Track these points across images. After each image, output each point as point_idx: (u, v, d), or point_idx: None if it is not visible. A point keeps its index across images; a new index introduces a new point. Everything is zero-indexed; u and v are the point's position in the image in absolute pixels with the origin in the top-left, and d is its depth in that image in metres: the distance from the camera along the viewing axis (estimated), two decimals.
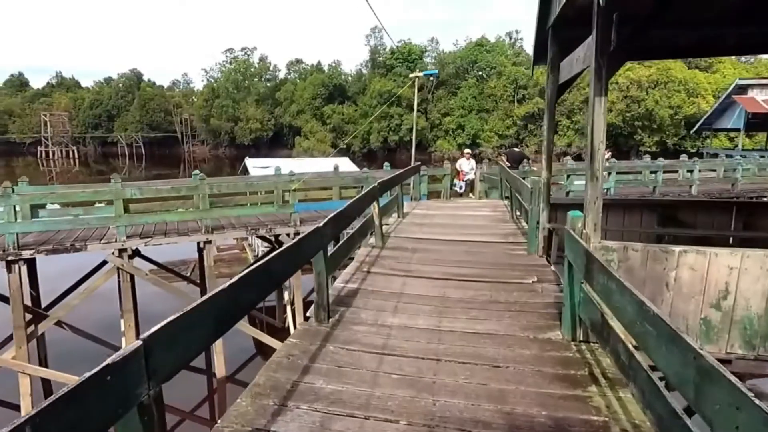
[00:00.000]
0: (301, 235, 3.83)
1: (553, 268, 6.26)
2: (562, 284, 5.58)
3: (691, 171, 18.67)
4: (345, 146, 66.17)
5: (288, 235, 11.85)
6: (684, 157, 24.34)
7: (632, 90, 53.24)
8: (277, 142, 70.90)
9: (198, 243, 11.05)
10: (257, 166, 19.62)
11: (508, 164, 15.14)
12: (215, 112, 70.54)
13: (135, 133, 72.99)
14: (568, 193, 15.93)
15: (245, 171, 20.16)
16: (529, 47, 74.96)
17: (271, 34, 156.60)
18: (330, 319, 4.50)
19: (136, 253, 11.14)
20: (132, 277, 10.42)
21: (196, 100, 74.41)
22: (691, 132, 48.28)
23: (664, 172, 18.46)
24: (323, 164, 21.61)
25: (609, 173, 16.77)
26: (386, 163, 15.30)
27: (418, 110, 63.28)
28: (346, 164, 21.05)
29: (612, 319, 3.30)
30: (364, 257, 6.67)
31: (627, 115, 53.44)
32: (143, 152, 72.32)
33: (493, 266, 6.35)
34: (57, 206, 10.92)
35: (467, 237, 7.99)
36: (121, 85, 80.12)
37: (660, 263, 4.05)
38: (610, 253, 4.22)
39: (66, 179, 53.51)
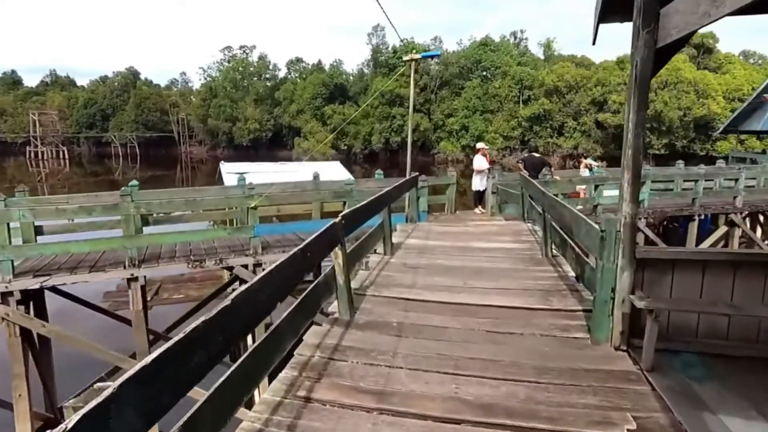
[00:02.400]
0: None
1: (652, 382, 3.36)
2: None
3: (735, 179, 15.69)
4: (346, 147, 63.46)
5: (245, 267, 8.98)
6: (719, 163, 21.38)
7: None
8: (277, 143, 68.08)
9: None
10: (232, 172, 16.70)
11: (526, 172, 12.21)
12: (213, 111, 67.66)
13: (130, 133, 70.11)
14: (596, 207, 13.03)
15: (221, 178, 17.27)
16: (534, 46, 72.05)
17: (271, 32, 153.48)
18: None
19: (51, 289, 8.32)
20: (24, 330, 7.53)
21: (193, 99, 71.56)
22: (715, 135, 45.35)
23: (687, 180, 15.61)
24: (313, 169, 18.75)
25: (643, 182, 13.84)
26: (378, 171, 12.40)
27: (420, 111, 60.75)
28: (337, 170, 18.08)
29: None
30: (312, 351, 3.77)
31: None
32: (138, 152, 69.43)
33: (538, 376, 3.44)
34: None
35: (486, 296, 5.08)
36: (116, 83, 77.19)
37: None
38: None
39: (56, 181, 50.84)
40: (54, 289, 8.71)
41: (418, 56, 9.14)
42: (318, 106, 63.92)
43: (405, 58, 9.23)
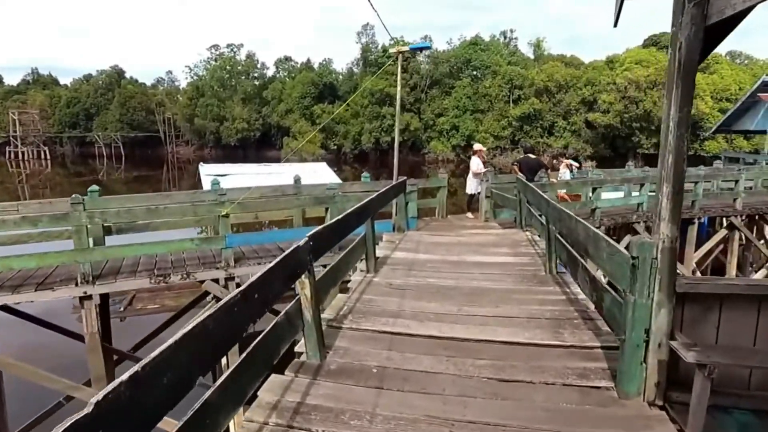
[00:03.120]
0: None
1: None
2: None
3: (735, 181, 15.03)
4: (335, 147, 62.50)
5: (216, 281, 8.11)
6: (716, 163, 20.84)
7: (630, 90, 49.86)
8: (265, 143, 66.91)
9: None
10: (212, 174, 15.76)
11: (521, 175, 11.45)
12: (200, 111, 66.25)
13: (114, 133, 68.42)
14: (594, 211, 12.29)
15: (200, 181, 16.33)
16: (524, 46, 71.45)
17: (259, 31, 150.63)
18: None
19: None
20: None
21: (180, 98, 70.04)
22: (707, 134, 45.00)
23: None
24: (298, 171, 17.85)
25: (642, 185, 13.13)
26: (364, 174, 11.56)
27: (410, 110, 59.88)
28: (322, 171, 17.21)
29: None
30: (266, 415, 2.92)
31: (625, 117, 50.21)
32: (122, 153, 67.71)
33: None
34: None
35: (485, 327, 4.26)
36: (101, 82, 75.32)
37: None
38: None
39: (37, 182, 49.44)
40: (5, 307, 7.78)
41: (405, 48, 8.30)
42: (307, 106, 62.86)
43: (391, 50, 8.40)
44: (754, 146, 45.89)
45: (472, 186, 11.78)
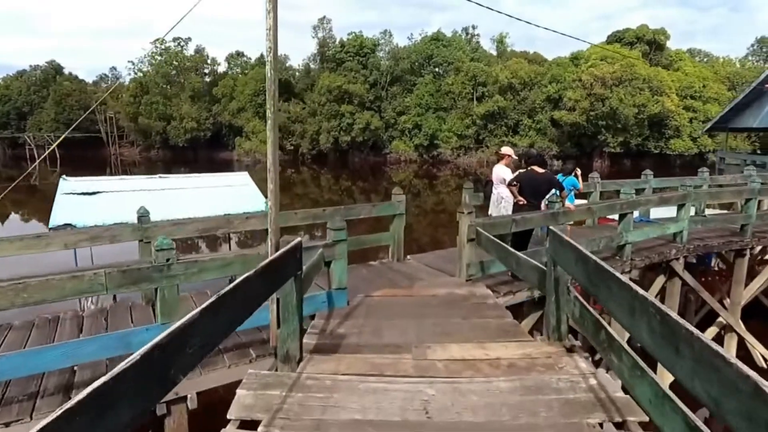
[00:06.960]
0: None
1: None
2: None
3: None
4: (292, 147, 57.06)
5: None
6: (749, 168, 17.05)
7: (596, 87, 46.62)
8: (217, 143, 60.81)
9: None
10: (75, 192, 10.60)
11: (522, 200, 6.94)
12: (144, 109, 59.35)
13: (48, 134, 60.71)
14: (622, 248, 7.96)
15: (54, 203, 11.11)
16: (486, 42, 67.74)
17: (213, 25, 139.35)
18: None
19: None
20: None
21: (123, 96, 62.83)
22: (701, 132, 41.77)
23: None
24: (207, 185, 12.91)
25: (682, 205, 8.83)
26: (262, 201, 6.86)
27: (371, 108, 54.81)
28: (239, 187, 12.31)
29: None
30: None
31: (591, 115, 46.97)
32: (57, 155, 60.18)
33: None
34: None
35: None
36: (34, 78, 67.02)
37: None
38: None
39: None
40: None
41: None
42: (260, 104, 57.14)
43: None
44: (718, 144, 43.22)
45: (495, 209, 7.28)
